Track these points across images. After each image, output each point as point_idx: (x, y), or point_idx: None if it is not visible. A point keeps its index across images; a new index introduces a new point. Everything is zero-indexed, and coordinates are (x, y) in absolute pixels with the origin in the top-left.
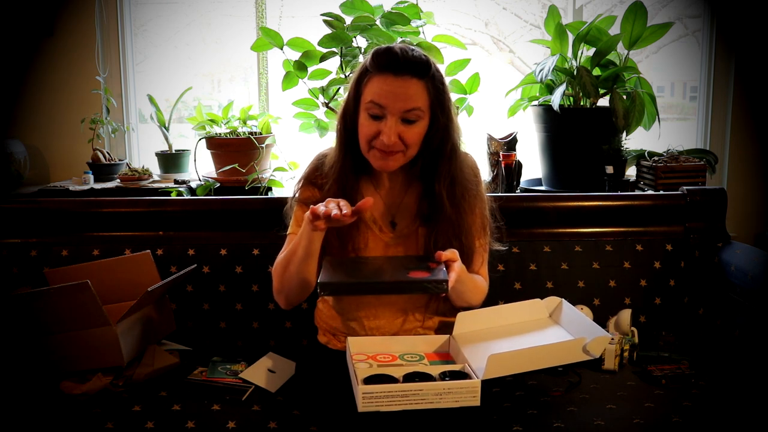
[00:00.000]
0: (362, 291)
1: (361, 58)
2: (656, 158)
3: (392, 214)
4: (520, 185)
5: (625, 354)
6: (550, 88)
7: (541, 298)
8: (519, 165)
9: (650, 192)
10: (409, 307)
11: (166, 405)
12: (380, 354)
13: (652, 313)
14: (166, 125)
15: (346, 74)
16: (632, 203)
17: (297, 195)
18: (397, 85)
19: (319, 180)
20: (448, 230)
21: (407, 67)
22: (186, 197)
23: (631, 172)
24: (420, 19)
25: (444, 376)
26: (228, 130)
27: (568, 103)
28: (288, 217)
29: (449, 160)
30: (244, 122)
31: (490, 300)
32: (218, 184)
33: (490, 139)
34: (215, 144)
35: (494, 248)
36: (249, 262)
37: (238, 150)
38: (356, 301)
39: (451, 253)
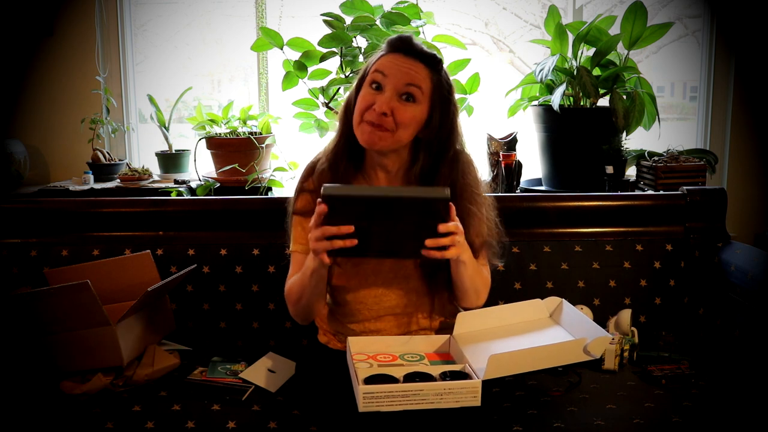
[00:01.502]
0: (365, 204)
1: (361, 58)
2: (656, 158)
3: None
4: (520, 185)
5: (625, 354)
6: (550, 88)
7: (542, 298)
8: (519, 165)
9: (650, 192)
10: (412, 311)
11: (166, 405)
12: (380, 354)
13: (652, 313)
14: (166, 125)
15: (346, 74)
16: (632, 203)
17: (293, 207)
18: (404, 61)
19: (311, 185)
20: None
21: (419, 54)
22: (186, 197)
23: (631, 172)
24: (420, 19)
25: (444, 376)
26: (228, 130)
27: (568, 103)
28: (289, 233)
29: (451, 165)
30: (244, 122)
31: (490, 300)
32: (218, 184)
33: (490, 139)
34: (215, 144)
35: (493, 263)
36: (249, 262)
37: (238, 150)
38: (357, 306)
39: (454, 226)
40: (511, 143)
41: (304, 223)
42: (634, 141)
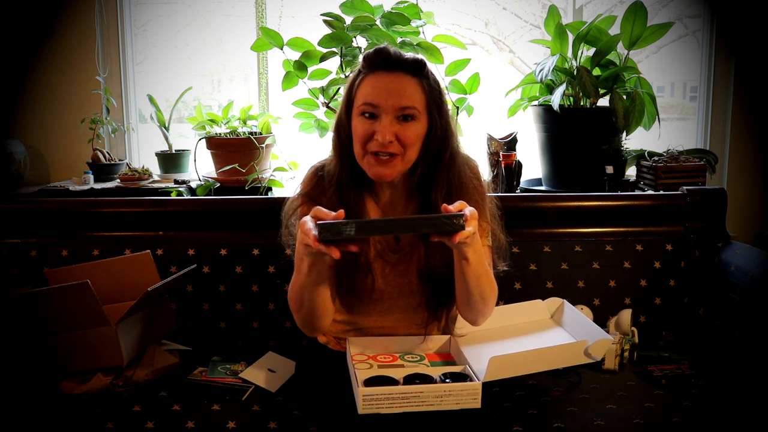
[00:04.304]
0: (369, 231)
1: (361, 59)
2: (656, 158)
3: None
4: (520, 185)
5: (626, 354)
6: (550, 88)
7: (542, 299)
8: (519, 165)
9: (650, 192)
10: (415, 318)
11: (166, 405)
12: (380, 354)
13: (652, 313)
14: (166, 125)
15: (346, 74)
16: (632, 203)
17: (298, 213)
18: (389, 80)
19: (320, 196)
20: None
21: (400, 64)
22: (186, 197)
23: (631, 172)
24: (420, 19)
25: (445, 377)
26: (228, 130)
27: (568, 103)
28: (287, 241)
29: (448, 168)
30: (244, 122)
31: None
32: (218, 184)
33: (490, 139)
34: (215, 144)
35: (498, 269)
36: (249, 262)
37: (238, 150)
38: (357, 310)
39: (460, 204)
40: (511, 143)
41: None
42: (634, 141)
